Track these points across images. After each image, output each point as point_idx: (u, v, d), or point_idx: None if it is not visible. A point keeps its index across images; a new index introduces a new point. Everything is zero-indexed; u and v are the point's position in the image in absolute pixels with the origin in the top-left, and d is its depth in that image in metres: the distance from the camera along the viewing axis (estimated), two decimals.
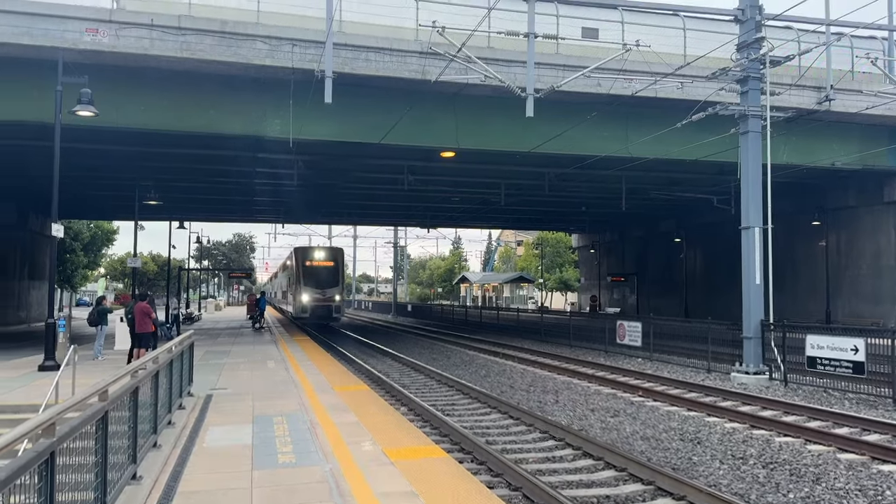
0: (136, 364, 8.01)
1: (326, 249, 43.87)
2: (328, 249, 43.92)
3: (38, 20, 17.36)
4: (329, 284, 40.58)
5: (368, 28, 20.18)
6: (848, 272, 31.24)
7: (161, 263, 78.14)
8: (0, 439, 3.56)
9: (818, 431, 11.95)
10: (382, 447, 8.55)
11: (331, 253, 42.95)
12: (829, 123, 24.59)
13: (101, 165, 27.62)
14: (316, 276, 40.27)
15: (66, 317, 21.24)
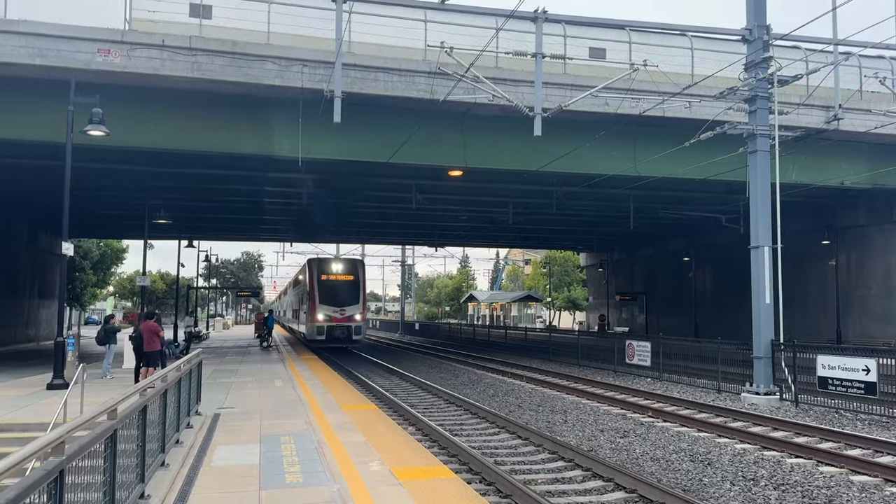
0: (145, 383, 8.02)
1: (345, 261, 38.29)
2: (347, 261, 38.38)
3: (51, 41, 17.57)
4: (348, 301, 35.64)
5: (377, 48, 20.34)
6: (858, 291, 31.05)
7: (170, 282, 78.36)
8: (10, 458, 3.56)
9: (830, 453, 11.82)
10: (390, 467, 8.50)
11: (350, 265, 37.54)
12: (837, 142, 24.55)
13: (112, 185, 27.82)
14: (333, 292, 35.53)
15: (75, 335, 21.31)
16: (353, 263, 37.82)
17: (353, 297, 35.99)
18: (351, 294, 36.03)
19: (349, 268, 37.13)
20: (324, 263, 36.86)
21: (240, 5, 19.71)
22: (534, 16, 18.94)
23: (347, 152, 21.77)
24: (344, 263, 37.44)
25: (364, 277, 37.41)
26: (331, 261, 37.58)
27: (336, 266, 36.74)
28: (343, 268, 36.85)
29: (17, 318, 38.42)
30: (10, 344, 36.50)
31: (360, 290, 36.55)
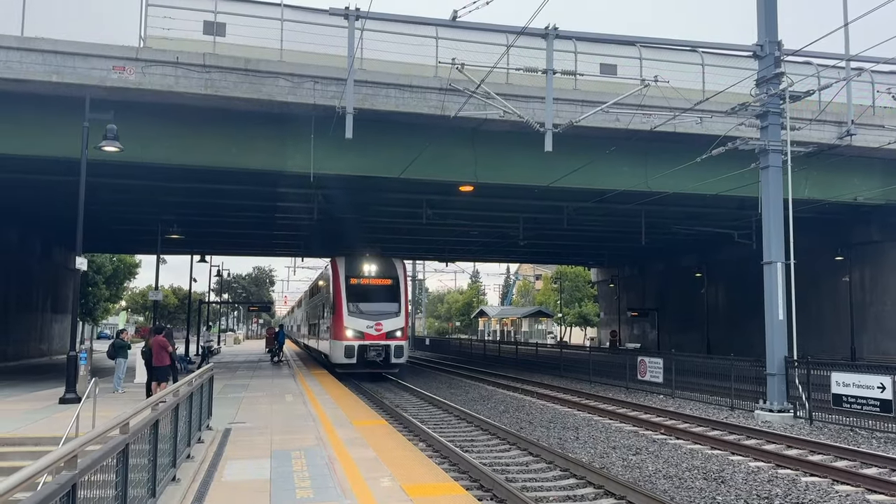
0: (157, 397, 8.04)
1: (382, 260, 29.76)
2: (384, 260, 29.82)
3: (67, 58, 17.79)
4: (387, 312, 27.92)
5: (389, 65, 20.48)
6: (873, 308, 30.77)
7: (182, 297, 78.64)
8: (22, 472, 3.57)
9: (845, 471, 11.68)
10: (401, 483, 8.46)
11: (388, 265, 29.36)
12: (850, 158, 24.44)
13: (125, 200, 28.07)
14: (366, 301, 27.98)
15: (88, 349, 21.40)
16: (391, 262, 29.52)
17: (392, 307, 28.13)
18: (390, 302, 28.22)
19: (387, 268, 29.07)
20: (354, 262, 28.82)
21: (253, 23, 19.91)
22: (544, 32, 19.01)
23: (359, 168, 21.87)
24: (380, 262, 29.24)
25: (406, 280, 29.77)
26: (363, 259, 29.04)
27: (370, 266, 28.78)
28: (379, 268, 28.92)
29: (30, 333, 38.66)
30: (23, 358, 36.71)
31: (402, 296, 28.51)
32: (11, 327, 35.41)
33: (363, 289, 28.24)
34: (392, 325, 27.70)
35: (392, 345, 27.54)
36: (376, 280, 28.55)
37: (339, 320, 27.58)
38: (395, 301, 28.35)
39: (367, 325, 27.28)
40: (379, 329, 27.31)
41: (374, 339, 27.27)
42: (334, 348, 28.09)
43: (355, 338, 27.15)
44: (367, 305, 27.83)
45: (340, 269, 28.67)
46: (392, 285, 28.70)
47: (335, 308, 28.14)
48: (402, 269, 29.47)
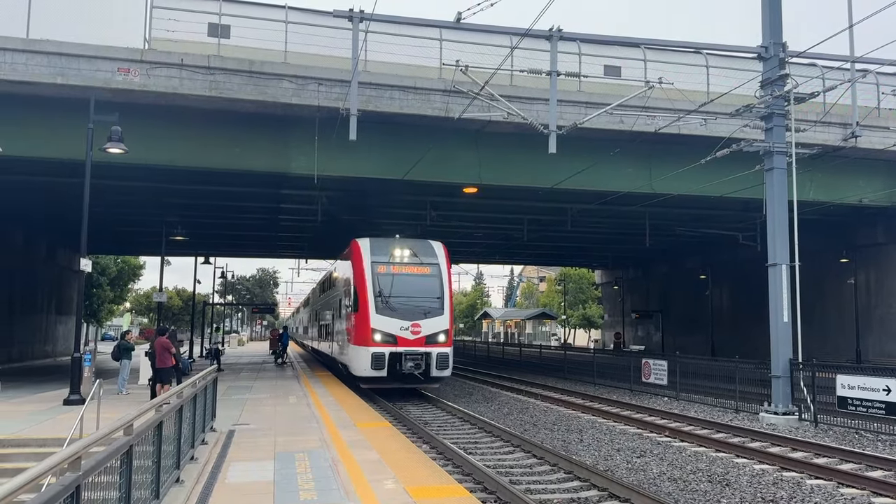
0: (161, 399, 8.04)
1: (419, 243, 23.98)
2: (422, 243, 23.94)
3: (72, 60, 17.84)
4: (427, 309, 22.03)
5: (393, 67, 20.50)
6: (878, 310, 30.68)
7: (186, 298, 78.82)
8: (27, 473, 3.57)
9: (851, 474, 11.63)
10: (405, 485, 8.45)
11: (427, 250, 23.43)
12: (855, 160, 24.39)
13: (129, 201, 28.12)
14: (401, 294, 22.10)
15: (92, 351, 21.43)
16: (429, 245, 23.71)
17: (433, 302, 22.21)
18: (430, 296, 22.33)
19: (425, 251, 23.20)
20: (383, 245, 23.03)
21: (257, 25, 19.94)
22: (548, 34, 19.00)
23: (363, 169, 21.89)
24: (416, 245, 23.46)
25: (449, 268, 23.46)
26: (394, 242, 23.35)
27: (403, 250, 22.87)
28: (415, 252, 22.97)
29: (34, 334, 38.75)
30: (27, 359, 36.80)
31: (445, 289, 22.63)
32: (16, 329, 35.50)
33: (395, 279, 22.03)
34: (433, 325, 21.51)
35: (434, 352, 21.22)
36: (412, 268, 22.51)
37: (364, 320, 21.45)
38: (437, 294, 22.20)
39: (400, 327, 21.16)
40: (416, 331, 21.27)
41: (411, 345, 21.11)
42: (356, 356, 21.81)
43: (385, 343, 21.00)
44: (400, 301, 21.65)
45: (364, 254, 22.24)
46: (432, 274, 22.47)
47: (357, 304, 21.89)
48: (443, 254, 23.14)
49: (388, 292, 21.74)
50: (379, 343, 21.03)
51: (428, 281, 22.41)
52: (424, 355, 21.27)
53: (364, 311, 21.51)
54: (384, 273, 22.04)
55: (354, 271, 22.72)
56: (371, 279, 21.80)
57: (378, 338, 21.08)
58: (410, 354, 21.15)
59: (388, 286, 21.86)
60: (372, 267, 22.02)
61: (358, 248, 22.86)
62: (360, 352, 21.44)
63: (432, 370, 21.32)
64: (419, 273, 22.51)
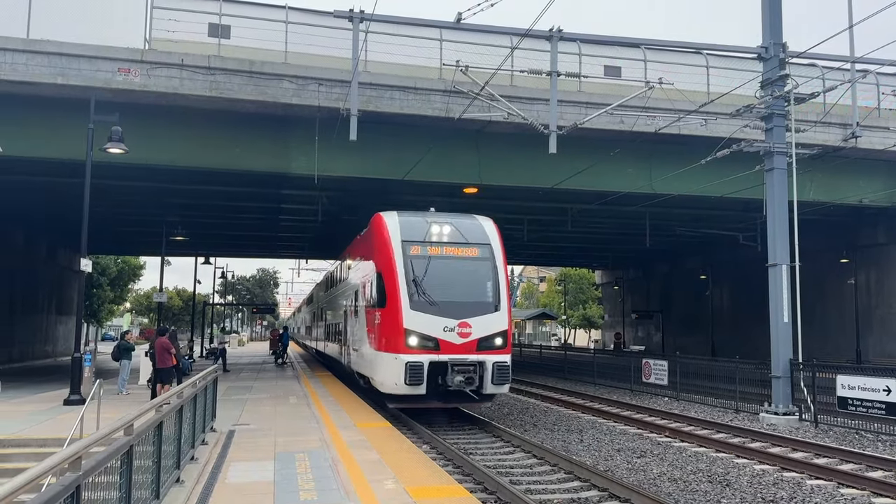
0: (161, 399, 8.04)
1: (465, 220, 18.34)
2: (468, 219, 18.51)
3: (72, 60, 17.85)
4: (478, 304, 16.91)
5: (393, 67, 20.50)
6: (878, 310, 30.67)
7: (186, 298, 78.84)
8: (27, 473, 3.57)
9: (851, 475, 11.63)
10: (405, 486, 8.45)
11: (475, 228, 18.08)
12: (855, 160, 24.39)
13: (130, 202, 28.13)
14: (443, 285, 16.87)
15: (92, 351, 21.43)
16: (477, 222, 18.29)
17: (484, 295, 17.15)
18: (481, 288, 17.25)
19: (473, 231, 17.87)
20: (417, 221, 17.66)
21: (258, 25, 19.94)
22: (549, 34, 19.00)
23: (363, 169, 21.89)
24: (461, 223, 18.01)
25: (504, 252, 17.90)
26: (431, 218, 17.95)
27: (444, 227, 17.62)
28: (460, 231, 17.69)
29: (35, 334, 38.75)
30: (27, 359, 36.81)
31: (500, 279, 17.31)
32: (17, 329, 35.51)
33: (435, 264, 16.88)
34: (487, 325, 16.36)
35: (489, 361, 16.01)
36: (456, 249, 17.31)
37: (394, 319, 16.26)
38: (491, 285, 17.12)
39: (444, 327, 16.03)
40: (466, 333, 16.13)
41: (458, 352, 16.00)
42: (382, 367, 16.61)
43: (423, 348, 15.90)
44: (442, 293, 16.52)
45: (393, 233, 17.10)
46: (482, 257, 17.35)
47: (384, 298, 16.78)
48: (496, 233, 17.92)
49: (426, 281, 16.44)
50: (415, 349, 15.76)
51: (478, 267, 17.21)
52: (477, 365, 15.91)
53: (394, 306, 16.21)
54: (420, 256, 16.77)
55: (379, 255, 17.30)
56: (403, 264, 16.51)
57: (414, 342, 15.82)
58: (459, 364, 15.79)
59: (426, 273, 16.57)
60: (403, 248, 16.72)
61: (383, 225, 17.32)
62: (389, 361, 16.15)
63: (487, 385, 15.95)
64: (466, 256, 17.26)
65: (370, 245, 18.48)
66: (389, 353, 16.15)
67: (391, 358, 16.02)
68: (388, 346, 16.27)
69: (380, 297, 16.98)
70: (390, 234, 17.03)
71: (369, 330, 18.05)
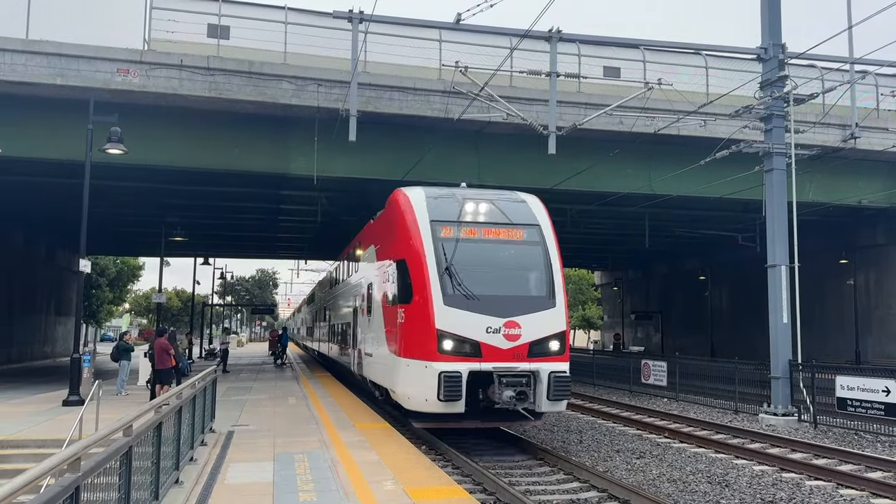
0: (160, 400, 8.03)
1: (505, 198, 15.39)
2: (510, 198, 15.46)
3: (71, 61, 17.85)
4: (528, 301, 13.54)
5: (392, 68, 20.51)
6: (877, 311, 30.68)
7: (185, 299, 78.79)
8: (26, 474, 3.57)
9: (850, 475, 11.63)
10: (404, 486, 8.44)
11: (520, 207, 15.10)
12: (854, 161, 24.40)
13: (129, 202, 28.11)
14: (482, 274, 13.60)
15: (91, 352, 21.42)
16: (522, 202, 15.38)
17: (536, 287, 13.97)
18: (531, 279, 14.08)
19: (517, 210, 14.94)
20: (447, 199, 14.71)
21: (257, 26, 19.96)
22: (548, 35, 19.01)
23: (362, 170, 21.87)
24: (501, 200, 15.13)
25: (556, 236, 14.84)
26: (464, 194, 15.02)
27: (480, 205, 14.69)
28: (501, 210, 14.76)
29: (33, 335, 38.73)
30: (26, 360, 36.78)
31: (555, 269, 14.12)
32: (16, 329, 35.48)
33: (473, 249, 13.73)
34: (541, 325, 13.19)
35: (543, 370, 12.86)
36: (497, 231, 14.15)
37: (422, 316, 13.10)
38: (543, 275, 13.85)
39: (487, 328, 12.86)
40: (514, 335, 12.91)
41: (505, 358, 12.80)
42: (408, 377, 13.36)
43: (460, 355, 12.70)
44: (483, 285, 13.32)
45: (419, 211, 14.00)
46: (530, 241, 14.20)
47: (407, 290, 13.60)
48: (544, 213, 14.94)
49: (463, 271, 13.26)
50: (450, 356, 12.56)
51: (526, 252, 13.98)
52: (531, 375, 12.70)
53: (423, 301, 13.02)
54: (453, 239, 13.62)
55: (402, 239, 14.18)
56: (433, 249, 13.36)
57: (448, 346, 12.61)
58: (507, 374, 12.56)
59: (463, 261, 13.39)
60: (433, 230, 13.60)
61: (406, 203, 14.32)
62: (416, 370, 12.94)
63: (541, 401, 12.70)
64: (511, 240, 14.08)
65: (389, 228, 15.38)
66: (417, 361, 12.88)
67: (419, 367, 12.77)
68: (415, 351, 13.05)
69: (403, 291, 13.68)
70: (416, 213, 13.86)
71: (389, 331, 14.74)
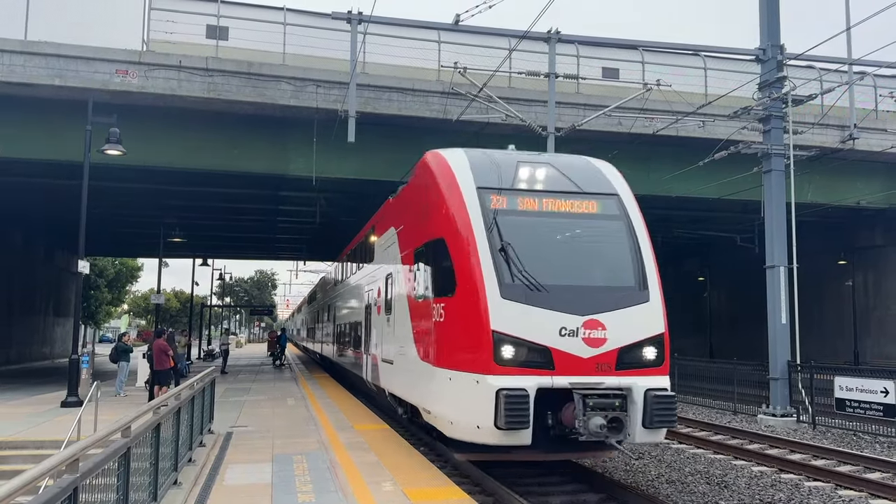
0: (158, 401, 8.02)
1: (570, 162, 11.71)
2: (576, 163, 11.74)
3: (70, 62, 17.84)
4: (612, 292, 9.85)
5: (391, 69, 20.52)
6: (876, 312, 30.69)
7: (184, 300, 78.72)
8: (24, 475, 3.56)
9: (849, 476, 11.63)
10: (403, 488, 8.44)
11: (592, 172, 11.47)
12: (853, 162, 24.42)
13: (128, 203, 28.09)
14: (550, 256, 9.92)
15: (90, 353, 21.40)
16: (593, 168, 11.75)
17: (622, 275, 10.25)
18: (614, 265, 10.33)
19: (590, 179, 11.32)
20: (496, 164, 11.35)
21: (256, 27, 19.97)
22: (547, 36, 19.03)
23: (361, 171, 21.87)
24: (565, 165, 11.58)
25: (639, 211, 11.01)
26: (521, 158, 11.88)
27: (543, 171, 11.32)
28: (570, 178, 11.18)
29: (32, 336, 38.70)
30: (25, 361, 36.74)
31: (644, 250, 10.58)
32: (14, 330, 35.45)
33: (535, 225, 10.51)
34: (632, 325, 9.83)
35: (637, 386, 9.42)
36: (565, 203, 10.85)
37: (470, 312, 9.69)
38: (630, 260, 10.58)
39: (560, 329, 9.45)
40: (597, 339, 9.52)
41: (587, 371, 9.42)
42: (450, 393, 9.97)
43: (526, 365, 9.29)
44: (552, 271, 9.92)
45: (462, 176, 10.92)
46: (610, 216, 10.95)
47: (449, 278, 10.22)
48: (623, 182, 11.58)
49: (524, 252, 9.90)
50: (511, 366, 9.23)
51: (605, 229, 10.69)
52: (624, 394, 9.35)
53: (470, 291, 9.67)
54: (509, 212, 10.38)
55: (440, 212, 10.83)
56: (482, 223, 10.06)
57: (509, 353, 9.27)
58: (593, 392, 9.22)
59: (523, 239, 10.06)
60: (481, 199, 10.36)
61: (444, 167, 11.25)
62: (463, 386, 9.57)
63: (635, 428, 9.32)
64: (583, 213, 10.72)
65: (419, 201, 12.17)
66: (464, 373, 9.48)
67: (467, 381, 9.39)
68: (461, 359, 9.64)
69: (442, 280, 10.36)
70: (458, 177, 10.71)
71: (419, 332, 11.41)
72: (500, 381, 8.98)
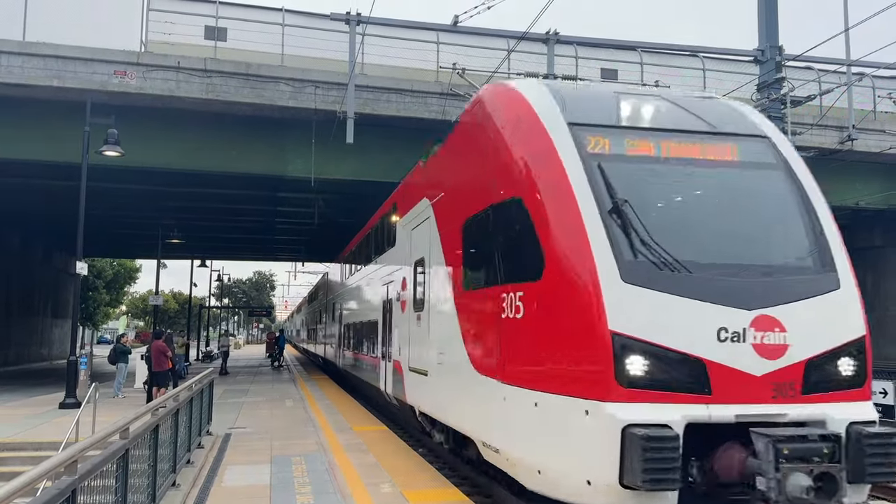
0: (157, 402, 8.01)
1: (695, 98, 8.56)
2: (704, 99, 8.68)
3: (68, 63, 17.82)
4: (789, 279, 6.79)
5: (390, 70, 20.51)
6: (875, 313, 30.69)
7: (182, 301, 78.66)
8: (22, 477, 3.55)
9: None
10: (401, 489, 8.43)
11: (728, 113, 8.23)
12: (851, 163, 24.41)
13: (126, 204, 28.07)
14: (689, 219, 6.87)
15: (88, 354, 21.38)
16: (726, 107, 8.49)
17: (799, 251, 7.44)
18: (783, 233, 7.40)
19: (724, 117, 8.05)
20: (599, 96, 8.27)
21: (254, 28, 19.97)
22: (545, 37, 19.03)
23: (360, 172, 21.85)
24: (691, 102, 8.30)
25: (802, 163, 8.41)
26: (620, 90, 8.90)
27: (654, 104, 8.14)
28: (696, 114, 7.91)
29: (30, 337, 38.65)
30: (23, 362, 36.70)
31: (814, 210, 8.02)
32: (13, 331, 35.41)
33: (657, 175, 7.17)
34: (820, 324, 6.83)
35: (834, 419, 6.27)
36: (692, 146, 7.45)
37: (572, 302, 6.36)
38: (802, 227, 7.73)
39: (719, 328, 6.13)
40: (773, 347, 6.22)
41: (759, 396, 6.12)
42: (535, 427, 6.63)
43: (662, 389, 5.94)
44: (693, 242, 6.68)
45: (542, 110, 7.55)
46: (761, 163, 7.79)
47: (530, 255, 6.92)
48: (769, 122, 8.62)
49: (648, 215, 6.70)
50: (642, 387, 5.98)
51: (760, 183, 7.77)
52: (830, 435, 6.08)
53: (570, 272, 6.50)
54: (616, 157, 7.20)
55: (507, 160, 7.69)
56: (584, 173, 6.88)
57: (638, 368, 6.00)
58: (781, 433, 5.82)
59: (643, 197, 6.90)
60: (576, 140, 7.19)
61: (518, 100, 8.10)
62: (561, 417, 6.40)
63: (840, 486, 5.70)
64: (722, 160, 7.61)
65: (478, 150, 8.80)
66: (563, 398, 6.44)
67: (571, 410, 6.33)
68: (556, 375, 6.60)
69: (519, 257, 7.36)
70: (538, 111, 7.66)
71: (475, 334, 8.37)
72: (628, 413, 5.86)
